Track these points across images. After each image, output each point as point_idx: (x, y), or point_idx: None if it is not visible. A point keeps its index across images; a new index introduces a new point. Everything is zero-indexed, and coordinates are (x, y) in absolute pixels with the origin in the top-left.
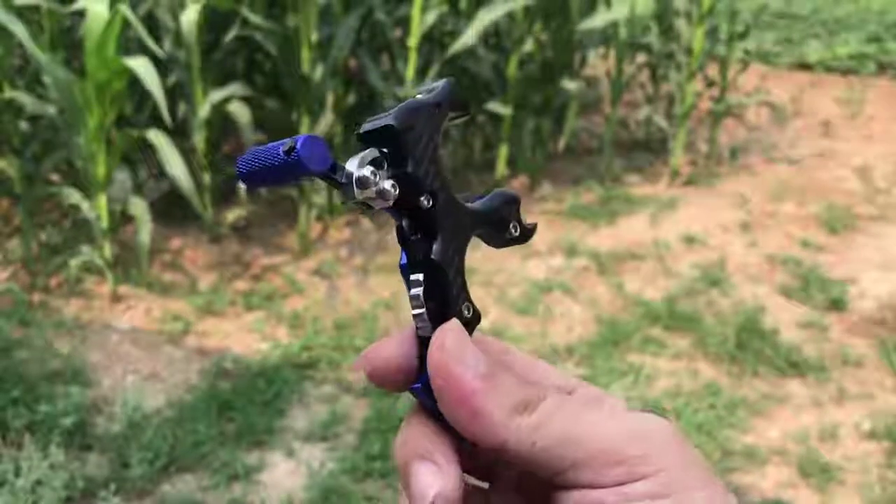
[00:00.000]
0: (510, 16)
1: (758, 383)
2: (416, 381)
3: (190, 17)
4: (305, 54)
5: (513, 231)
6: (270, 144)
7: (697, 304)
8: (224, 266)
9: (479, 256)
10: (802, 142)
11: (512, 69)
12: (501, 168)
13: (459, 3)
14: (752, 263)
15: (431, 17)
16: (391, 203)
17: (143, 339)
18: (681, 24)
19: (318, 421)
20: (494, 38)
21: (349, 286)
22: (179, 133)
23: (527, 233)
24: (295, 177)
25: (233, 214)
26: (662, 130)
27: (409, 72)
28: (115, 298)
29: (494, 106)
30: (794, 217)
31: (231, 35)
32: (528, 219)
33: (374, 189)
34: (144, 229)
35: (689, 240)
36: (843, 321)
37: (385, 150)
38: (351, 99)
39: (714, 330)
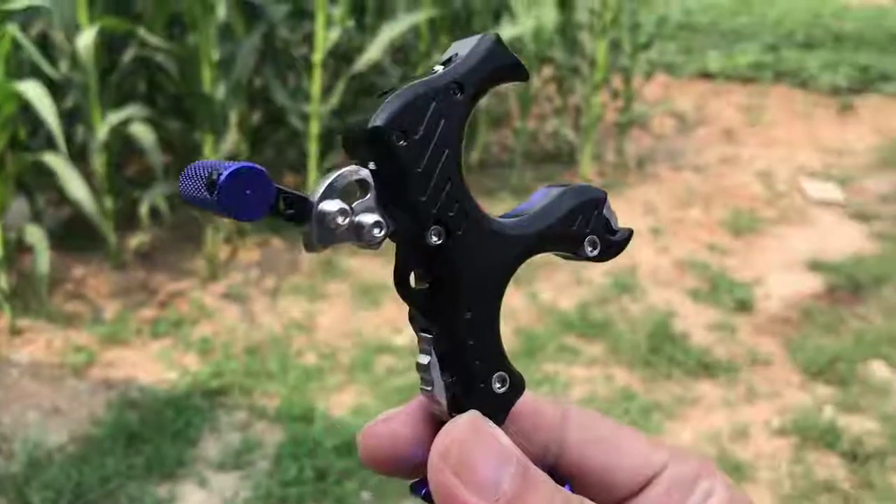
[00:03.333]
0: (415, 30)
1: (670, 386)
2: (422, 479)
3: (86, 40)
4: (207, 73)
5: (588, 250)
6: (207, 163)
7: (610, 311)
8: (129, 293)
9: (391, 272)
10: (706, 149)
11: None
12: None
13: (364, 19)
14: (661, 269)
15: (335, 34)
16: (379, 244)
17: (44, 373)
18: (584, 37)
19: (230, 449)
20: (401, 52)
21: (261, 309)
22: (80, 157)
23: (613, 247)
24: (216, 214)
25: (136, 240)
26: (571, 142)
27: (315, 89)
28: (14, 331)
29: None
30: (700, 222)
31: (129, 56)
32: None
33: (344, 229)
34: (42, 258)
35: None
36: (751, 322)
37: (373, 165)
38: (256, 118)
39: (627, 336)
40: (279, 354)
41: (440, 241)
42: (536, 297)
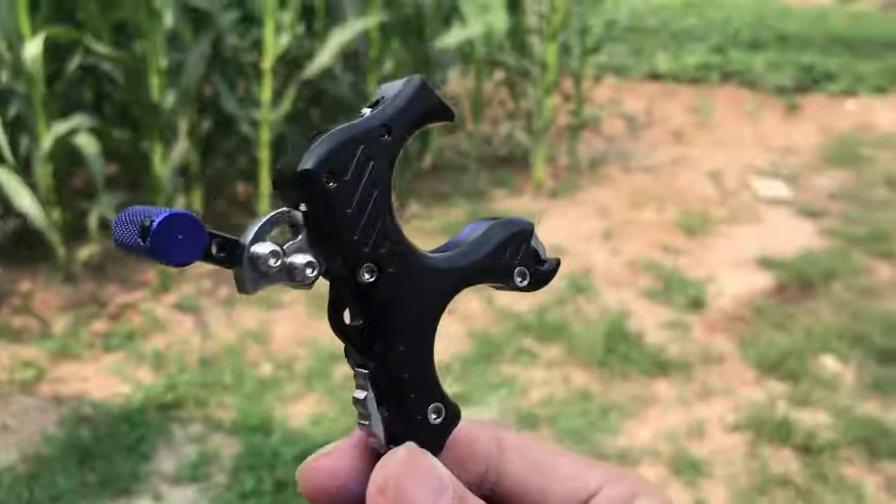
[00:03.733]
0: (366, 35)
1: (627, 386)
2: None
3: (32, 50)
4: (154, 81)
5: (518, 280)
6: (139, 209)
7: (566, 313)
8: (79, 307)
9: None
10: (657, 150)
11: (371, 89)
12: None
13: (313, 24)
14: (615, 270)
15: (285, 40)
16: (311, 284)
17: None
18: (534, 40)
19: (186, 462)
20: (352, 58)
21: (214, 319)
22: (25, 168)
23: (542, 277)
24: (154, 261)
25: (86, 251)
26: (524, 145)
27: (265, 95)
28: None
29: None
30: (653, 223)
31: (74, 65)
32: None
33: (276, 270)
34: None
35: (556, 250)
36: (704, 320)
37: (304, 206)
38: (206, 126)
39: (583, 337)
40: (234, 365)
41: (372, 279)
42: (493, 300)
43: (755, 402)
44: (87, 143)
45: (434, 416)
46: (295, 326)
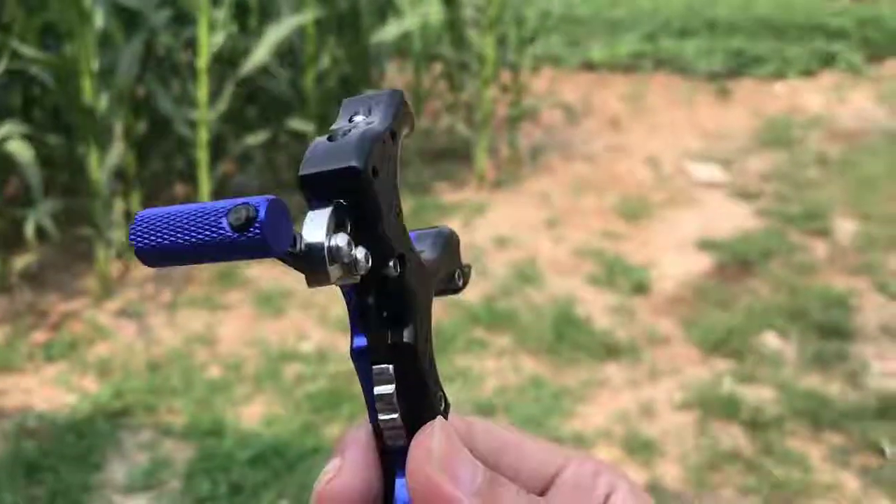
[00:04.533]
0: (302, 31)
1: (577, 371)
2: None
3: None
4: (87, 84)
5: (458, 281)
6: (192, 207)
7: (514, 302)
8: (18, 317)
9: (292, 278)
10: (595, 138)
11: (309, 85)
12: None
13: (247, 22)
14: (560, 258)
15: (220, 38)
16: (359, 278)
17: None
18: (471, 33)
19: (138, 470)
20: (289, 54)
21: (159, 324)
22: None
23: (467, 277)
24: (240, 257)
25: (22, 260)
26: (465, 137)
27: (202, 94)
28: None
29: (296, 123)
30: (594, 210)
31: (0, 70)
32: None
33: (346, 263)
34: None
35: (501, 241)
36: (648, 303)
37: (344, 202)
38: (141, 127)
39: (532, 325)
40: (182, 369)
41: (398, 273)
42: None
43: (702, 381)
44: (20, 150)
45: (441, 405)
46: (241, 327)
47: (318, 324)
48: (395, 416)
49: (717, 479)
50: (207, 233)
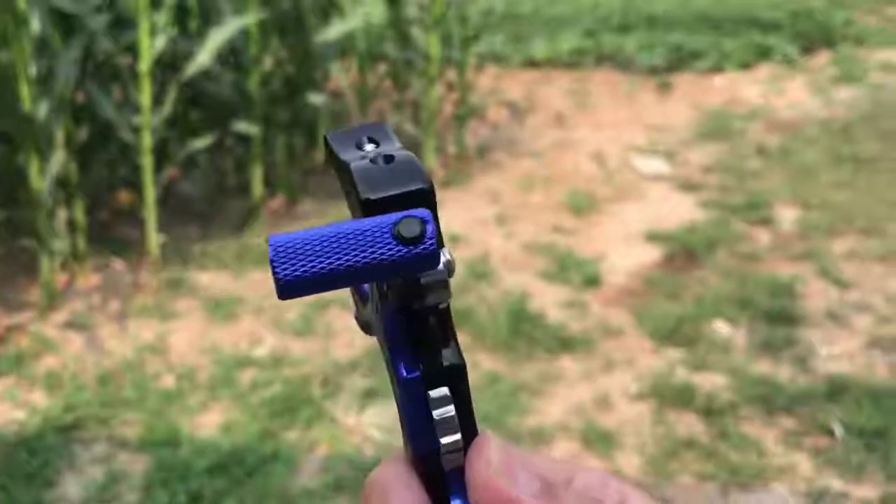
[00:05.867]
0: (244, 33)
1: (533, 365)
2: None
3: None
4: (25, 91)
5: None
6: (342, 227)
7: (469, 300)
8: None
9: (243, 284)
10: (541, 135)
11: (254, 87)
12: (258, 189)
13: (188, 24)
14: (512, 254)
15: (161, 41)
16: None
17: None
18: (416, 31)
19: (93, 484)
20: (232, 57)
21: (108, 335)
22: None
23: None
24: (402, 275)
25: None
26: (413, 136)
27: (145, 99)
28: None
29: (241, 126)
30: (543, 206)
31: None
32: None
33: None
34: None
35: (453, 238)
36: (600, 296)
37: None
38: (83, 134)
39: (487, 321)
40: (134, 380)
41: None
42: None
43: (656, 371)
44: None
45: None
46: (193, 336)
47: (271, 328)
48: (457, 436)
49: (675, 467)
50: (373, 251)
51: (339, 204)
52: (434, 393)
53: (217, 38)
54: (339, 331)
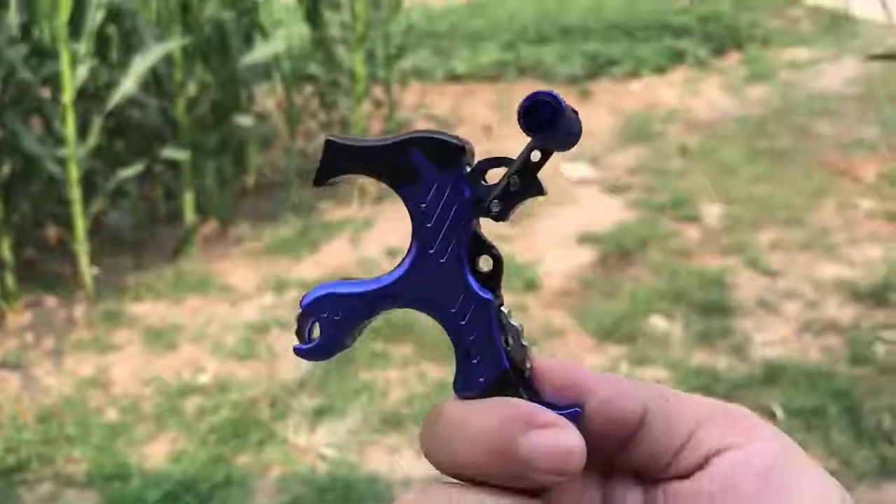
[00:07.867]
0: (168, 59)
1: None
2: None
3: None
4: None
5: None
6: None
7: (409, 312)
8: None
9: (180, 311)
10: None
11: (180, 113)
12: (190, 215)
13: (109, 54)
14: None
15: (83, 71)
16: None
17: None
18: (340, 51)
19: None
20: (156, 83)
21: (45, 372)
22: None
23: None
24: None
25: None
26: None
27: (69, 131)
28: None
29: (170, 153)
30: None
31: None
32: (233, 266)
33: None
34: None
35: (391, 252)
36: (540, 299)
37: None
38: (6, 169)
39: (430, 332)
40: (76, 416)
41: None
42: None
43: (600, 367)
44: None
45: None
46: (134, 367)
47: (212, 355)
48: (527, 343)
49: None
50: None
51: (280, 223)
52: (505, 309)
53: (141, 64)
54: (282, 352)
